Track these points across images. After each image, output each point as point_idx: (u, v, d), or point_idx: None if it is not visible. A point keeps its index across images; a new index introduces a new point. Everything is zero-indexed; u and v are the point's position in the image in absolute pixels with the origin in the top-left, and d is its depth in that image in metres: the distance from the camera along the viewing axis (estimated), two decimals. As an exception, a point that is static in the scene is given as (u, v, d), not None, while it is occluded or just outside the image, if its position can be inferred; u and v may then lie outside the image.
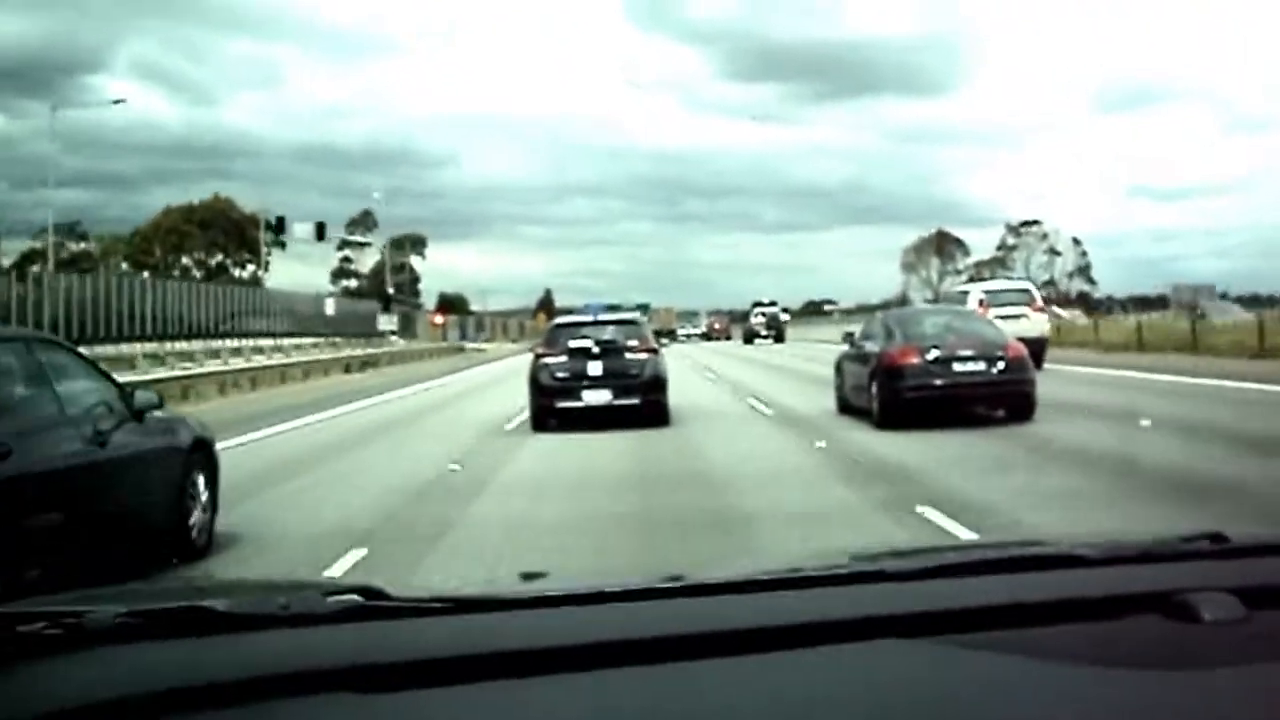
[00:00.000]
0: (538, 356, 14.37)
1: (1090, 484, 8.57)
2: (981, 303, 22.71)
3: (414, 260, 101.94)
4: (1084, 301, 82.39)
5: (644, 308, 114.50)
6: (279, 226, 55.61)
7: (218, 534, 7.15)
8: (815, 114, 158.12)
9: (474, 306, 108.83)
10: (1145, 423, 11.25)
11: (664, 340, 70.03)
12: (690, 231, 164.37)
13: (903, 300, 73.53)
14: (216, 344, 34.78)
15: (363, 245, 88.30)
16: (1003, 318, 19.23)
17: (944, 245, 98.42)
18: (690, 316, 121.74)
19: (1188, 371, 20.14)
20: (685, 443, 12.71)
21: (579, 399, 13.74)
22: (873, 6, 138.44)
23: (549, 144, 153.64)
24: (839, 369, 15.79)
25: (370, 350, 43.77)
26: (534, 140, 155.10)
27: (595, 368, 13.79)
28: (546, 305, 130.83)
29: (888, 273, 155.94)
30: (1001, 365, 13.03)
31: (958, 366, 12.95)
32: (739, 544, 6.90)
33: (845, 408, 15.13)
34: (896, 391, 12.97)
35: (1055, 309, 40.74)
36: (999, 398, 13.17)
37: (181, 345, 33.37)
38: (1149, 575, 1.57)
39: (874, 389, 13.41)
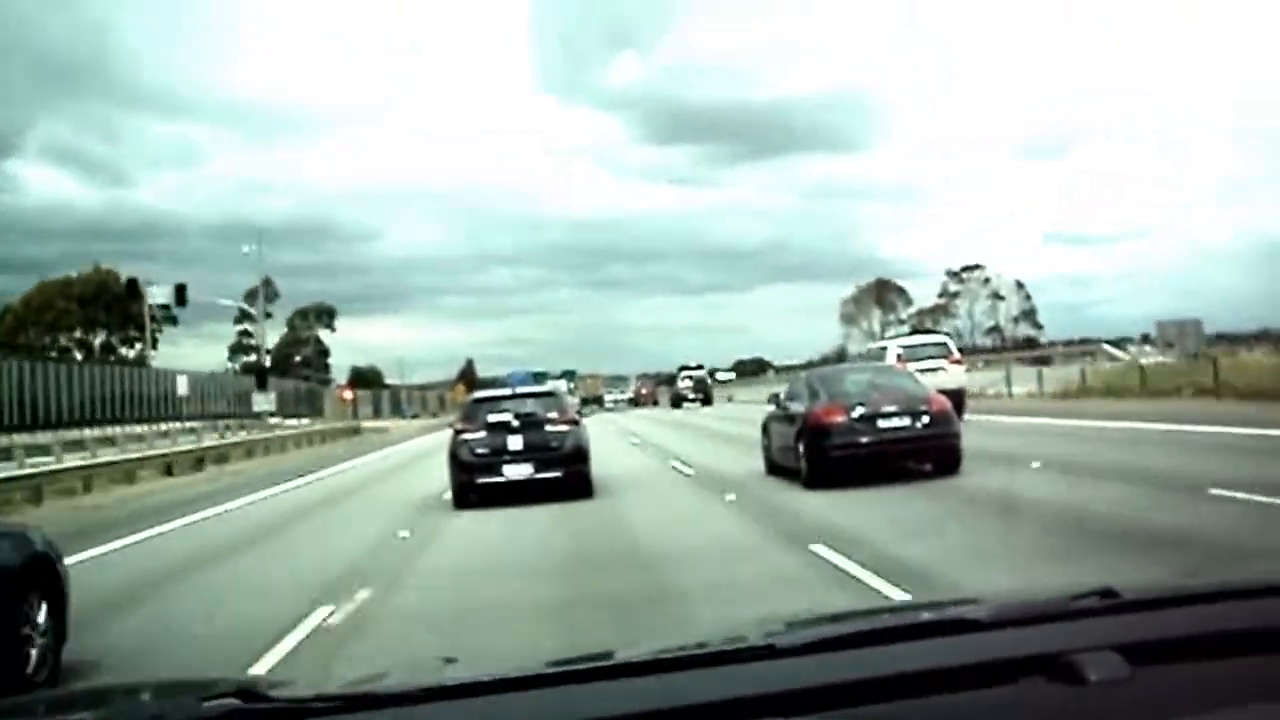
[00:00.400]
0: (457, 432, 14.05)
1: (1009, 538, 8.52)
2: (899, 357, 23.16)
3: (324, 334, 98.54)
4: (1030, 346, 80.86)
5: (570, 374, 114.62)
6: (130, 289, 51.39)
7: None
8: (734, 175, 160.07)
9: (392, 380, 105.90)
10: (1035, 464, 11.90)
11: (592, 407, 69.66)
12: (614, 297, 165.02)
13: (841, 355, 73.33)
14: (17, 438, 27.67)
15: (250, 317, 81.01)
16: (921, 371, 19.35)
17: (884, 295, 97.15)
18: (618, 382, 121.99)
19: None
20: (612, 513, 12.43)
21: (500, 474, 13.40)
22: (787, 67, 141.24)
23: (468, 215, 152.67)
24: (765, 430, 15.66)
25: (226, 439, 34.78)
26: (453, 212, 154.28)
27: (515, 442, 13.48)
28: (468, 376, 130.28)
29: (819, 328, 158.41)
30: (926, 419, 12.97)
31: (883, 423, 12.86)
32: (658, 621, 6.71)
33: (774, 468, 14.99)
34: (823, 450, 12.85)
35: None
36: (925, 452, 13.11)
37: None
38: (1038, 636, 1.57)
39: (801, 448, 13.26)
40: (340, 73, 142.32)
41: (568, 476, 13.47)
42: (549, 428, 13.68)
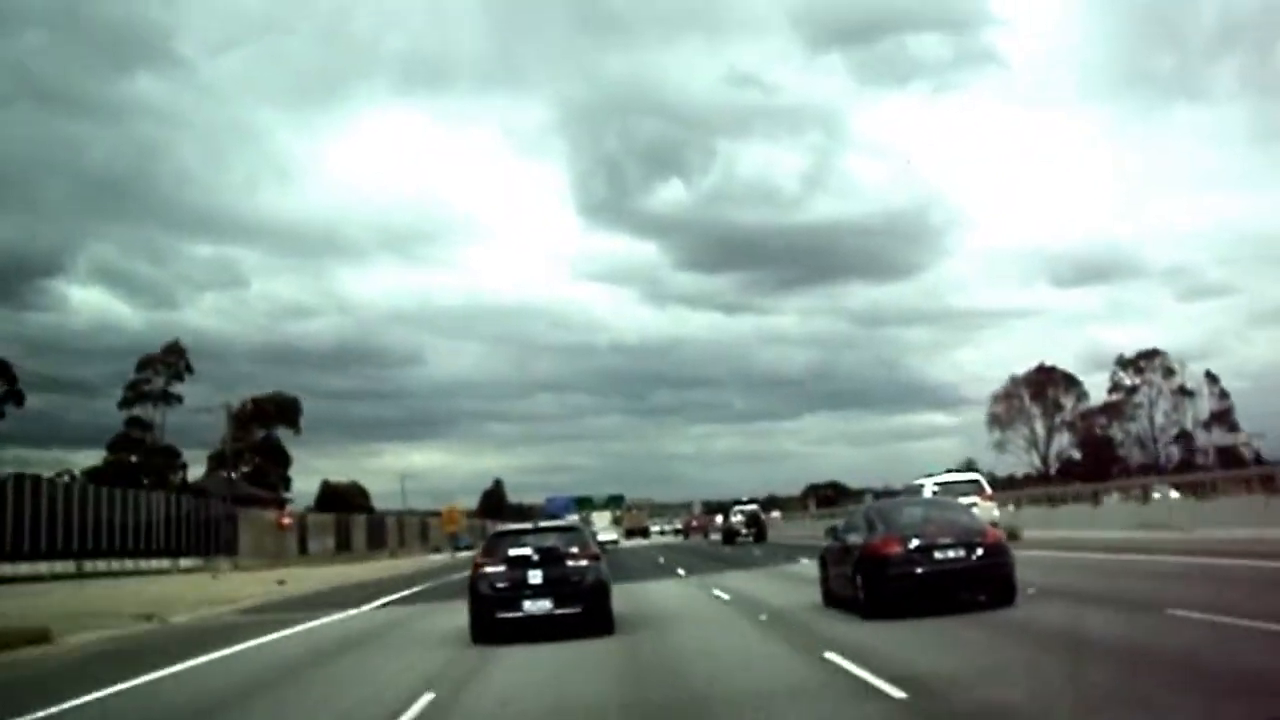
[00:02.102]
0: (477, 565, 14.16)
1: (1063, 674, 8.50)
2: (934, 494, 25.13)
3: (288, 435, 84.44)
4: (1187, 468, 65.81)
5: (618, 500, 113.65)
6: None
7: None
8: (779, 301, 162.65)
9: (390, 505, 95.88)
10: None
11: (637, 538, 69.10)
12: (659, 423, 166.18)
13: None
14: None
15: (166, 399, 74.93)
16: None
17: (1045, 390, 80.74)
18: (664, 512, 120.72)
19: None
20: (665, 652, 12.36)
21: (519, 609, 13.48)
22: (833, 192, 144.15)
23: (513, 341, 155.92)
24: (823, 561, 16.14)
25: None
26: (498, 338, 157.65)
27: (535, 576, 13.55)
28: (496, 499, 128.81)
29: (862, 457, 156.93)
30: (981, 551, 13.39)
31: (938, 554, 13.29)
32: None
33: (831, 599, 15.44)
34: (881, 580, 13.31)
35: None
36: (980, 583, 13.48)
37: None
38: None
39: (858, 579, 13.73)
40: (384, 198, 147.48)
41: (588, 612, 13.54)
42: (570, 563, 13.74)
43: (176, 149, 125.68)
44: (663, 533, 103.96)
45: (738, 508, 61.20)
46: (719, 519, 71.34)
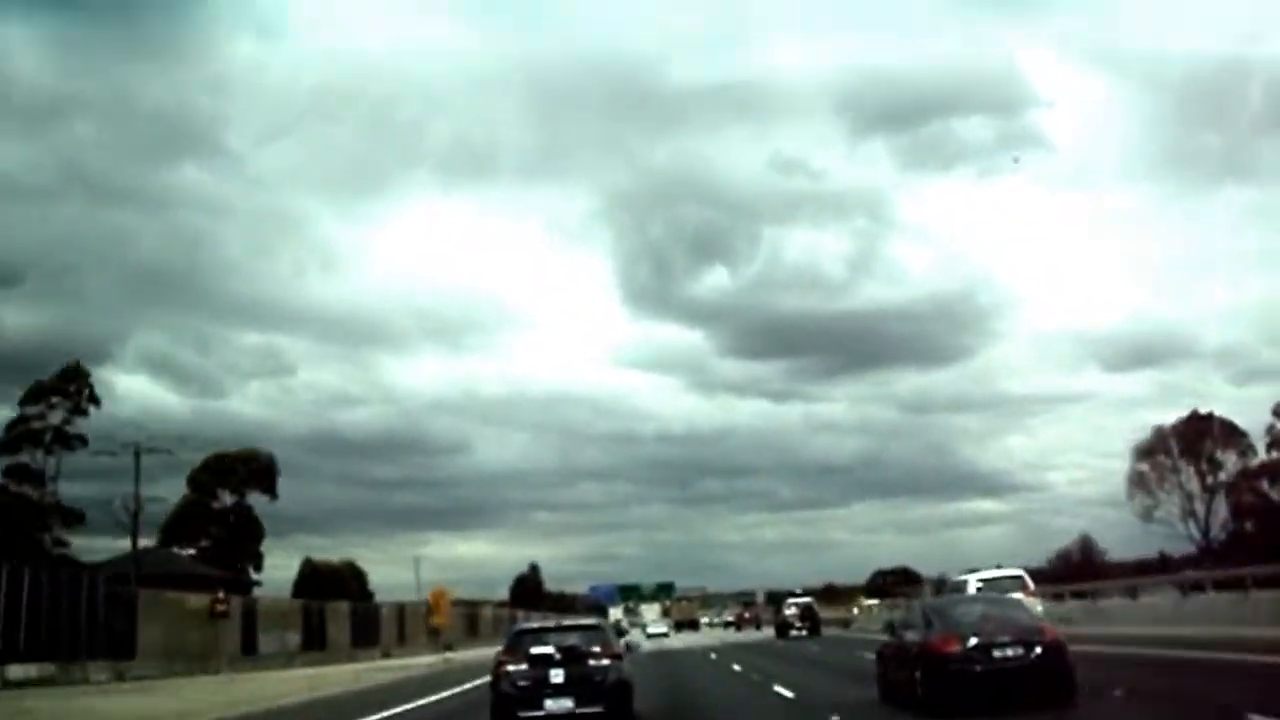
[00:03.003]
0: (499, 663, 14.30)
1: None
2: (979, 589, 25.66)
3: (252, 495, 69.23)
4: None
5: (667, 588, 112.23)
6: None
7: None
8: (825, 388, 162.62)
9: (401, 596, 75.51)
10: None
11: (686, 630, 68.16)
12: (706, 512, 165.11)
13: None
14: None
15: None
16: None
17: (1200, 441, 63.86)
18: (714, 602, 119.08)
19: None
20: None
21: (541, 708, 13.57)
22: (879, 278, 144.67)
23: (558, 430, 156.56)
24: (881, 657, 16.28)
25: None
26: (542, 426, 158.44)
27: (557, 675, 13.68)
28: (530, 586, 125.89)
29: (913, 545, 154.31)
30: (1039, 650, 13.48)
31: (997, 652, 13.42)
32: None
33: (888, 695, 15.55)
34: (940, 678, 13.45)
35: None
36: (1039, 681, 13.51)
37: None
38: None
39: (917, 675, 13.88)
40: (429, 287, 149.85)
41: (610, 711, 13.63)
42: (591, 661, 13.86)
43: (223, 238, 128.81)
44: (711, 624, 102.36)
45: (791, 600, 60.47)
46: (769, 609, 70.55)
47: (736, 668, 29.01)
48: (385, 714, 20.62)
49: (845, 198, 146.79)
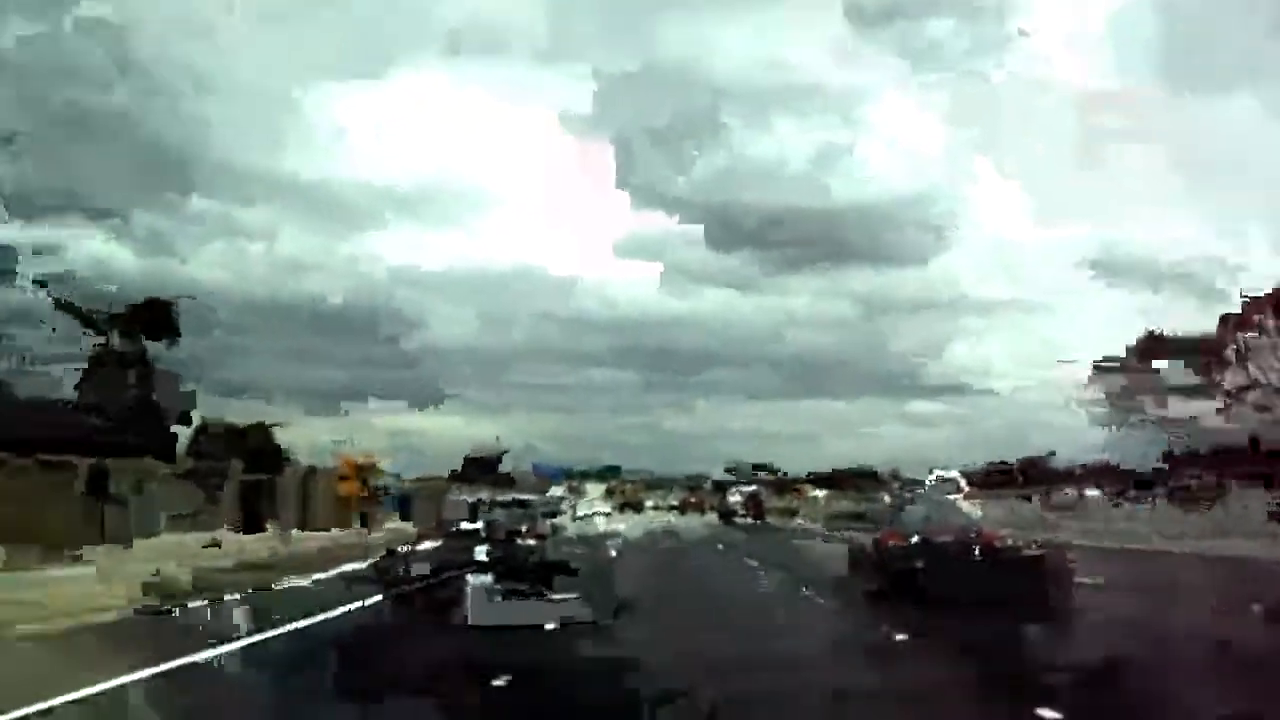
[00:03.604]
0: (419, 538, 15.86)
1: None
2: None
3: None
4: None
5: (614, 470, 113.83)
6: None
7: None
8: (789, 281, 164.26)
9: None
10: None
11: (629, 512, 69.11)
12: (663, 399, 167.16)
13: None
14: None
15: None
16: None
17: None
18: (662, 486, 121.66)
19: None
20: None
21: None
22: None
23: (525, 311, 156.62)
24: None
25: None
26: (501, 303, 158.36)
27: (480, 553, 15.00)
28: (489, 466, 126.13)
29: (856, 444, 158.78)
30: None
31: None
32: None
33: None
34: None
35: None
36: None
37: None
38: None
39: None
40: (392, 157, 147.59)
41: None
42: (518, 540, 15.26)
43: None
44: (656, 507, 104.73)
45: (735, 487, 62.71)
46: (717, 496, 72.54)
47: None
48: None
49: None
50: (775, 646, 11.42)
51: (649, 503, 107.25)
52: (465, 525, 15.06)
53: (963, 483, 33.02)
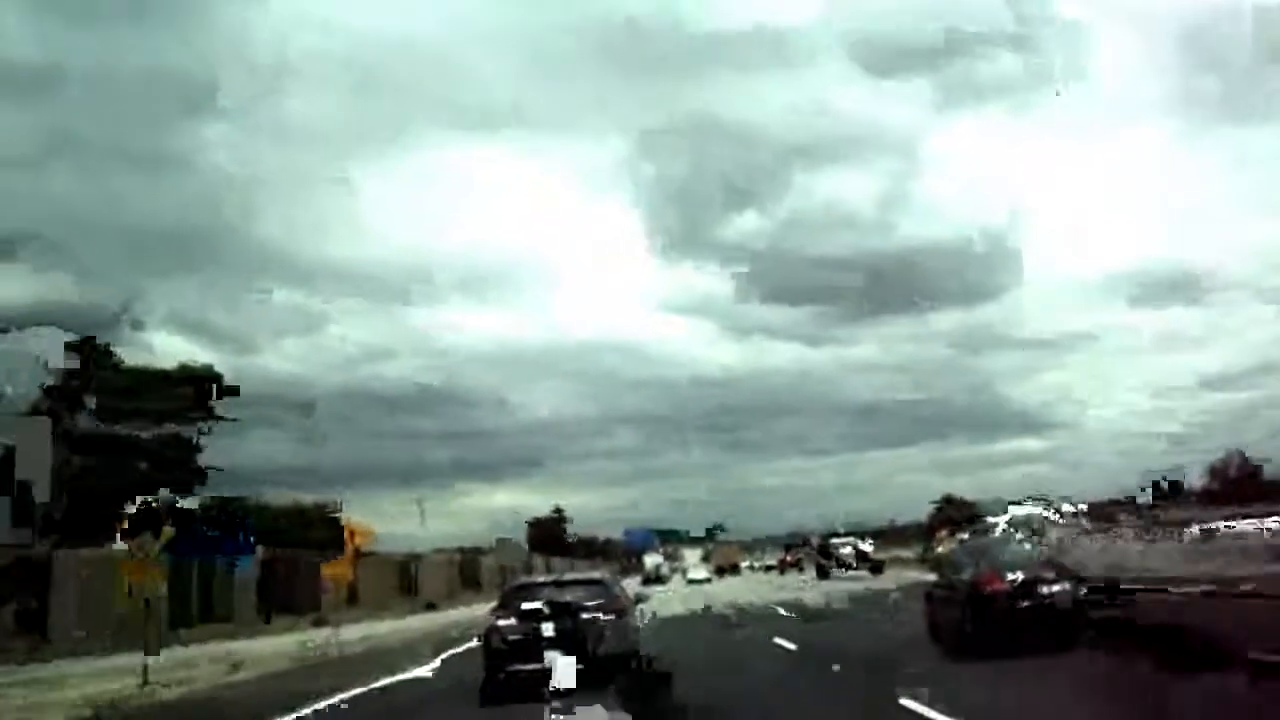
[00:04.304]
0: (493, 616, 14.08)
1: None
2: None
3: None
4: None
5: (717, 530, 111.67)
6: None
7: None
8: (857, 330, 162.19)
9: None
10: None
11: (725, 574, 67.56)
12: (743, 458, 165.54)
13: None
14: None
15: None
16: None
17: None
18: (755, 547, 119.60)
19: None
20: None
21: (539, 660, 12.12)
22: (911, 219, 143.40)
23: (593, 379, 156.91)
24: (929, 597, 16.75)
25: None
26: (578, 375, 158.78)
27: (548, 629, 13.16)
28: (550, 528, 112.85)
29: (950, 486, 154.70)
30: (1086, 587, 13.88)
31: (1043, 589, 13.82)
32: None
33: (935, 633, 16.07)
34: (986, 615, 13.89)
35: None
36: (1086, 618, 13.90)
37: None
38: None
39: (967, 613, 14.35)
40: (459, 241, 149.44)
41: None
42: (585, 615, 13.45)
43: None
44: (753, 568, 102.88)
45: (833, 541, 60.78)
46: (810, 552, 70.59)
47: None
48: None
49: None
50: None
51: (744, 564, 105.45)
52: (528, 605, 13.67)
53: (1054, 516, 30.38)
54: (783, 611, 28.29)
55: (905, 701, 10.28)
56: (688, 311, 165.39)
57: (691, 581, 72.15)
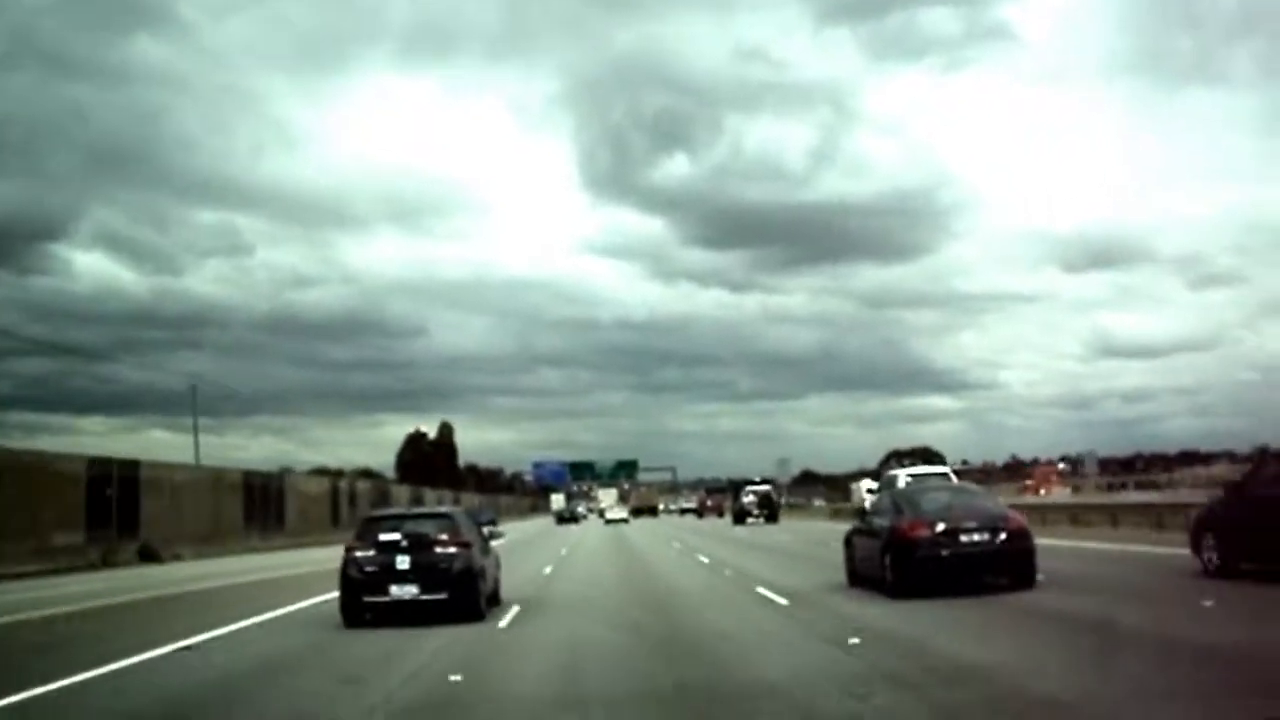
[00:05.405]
0: (348, 549, 14.27)
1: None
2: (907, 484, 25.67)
3: None
4: None
5: (629, 467, 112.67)
6: None
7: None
8: (786, 280, 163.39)
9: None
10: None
11: (643, 515, 68.55)
12: (665, 402, 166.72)
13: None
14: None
15: None
16: None
17: None
18: (672, 490, 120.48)
19: None
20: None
21: (386, 593, 13.63)
22: (841, 171, 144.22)
23: (517, 315, 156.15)
24: (849, 543, 16.70)
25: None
26: (502, 311, 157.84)
27: (403, 562, 13.67)
28: (431, 451, 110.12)
29: (867, 439, 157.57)
30: (1004, 535, 13.94)
31: (964, 537, 13.85)
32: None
33: (855, 580, 16.03)
34: (909, 561, 13.89)
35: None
36: (1002, 565, 14.03)
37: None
38: None
39: (887, 560, 14.31)
40: (388, 170, 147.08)
41: (454, 598, 13.64)
42: (438, 549, 13.83)
43: (180, 114, 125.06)
44: (668, 510, 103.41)
45: (750, 488, 61.56)
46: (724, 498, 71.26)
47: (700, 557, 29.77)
48: None
49: (809, 89, 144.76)
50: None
51: (661, 506, 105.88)
52: (385, 537, 13.94)
53: (953, 476, 31.59)
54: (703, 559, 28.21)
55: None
56: (614, 254, 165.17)
57: (609, 522, 72.51)
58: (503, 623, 13.64)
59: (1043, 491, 46.76)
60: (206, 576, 26.11)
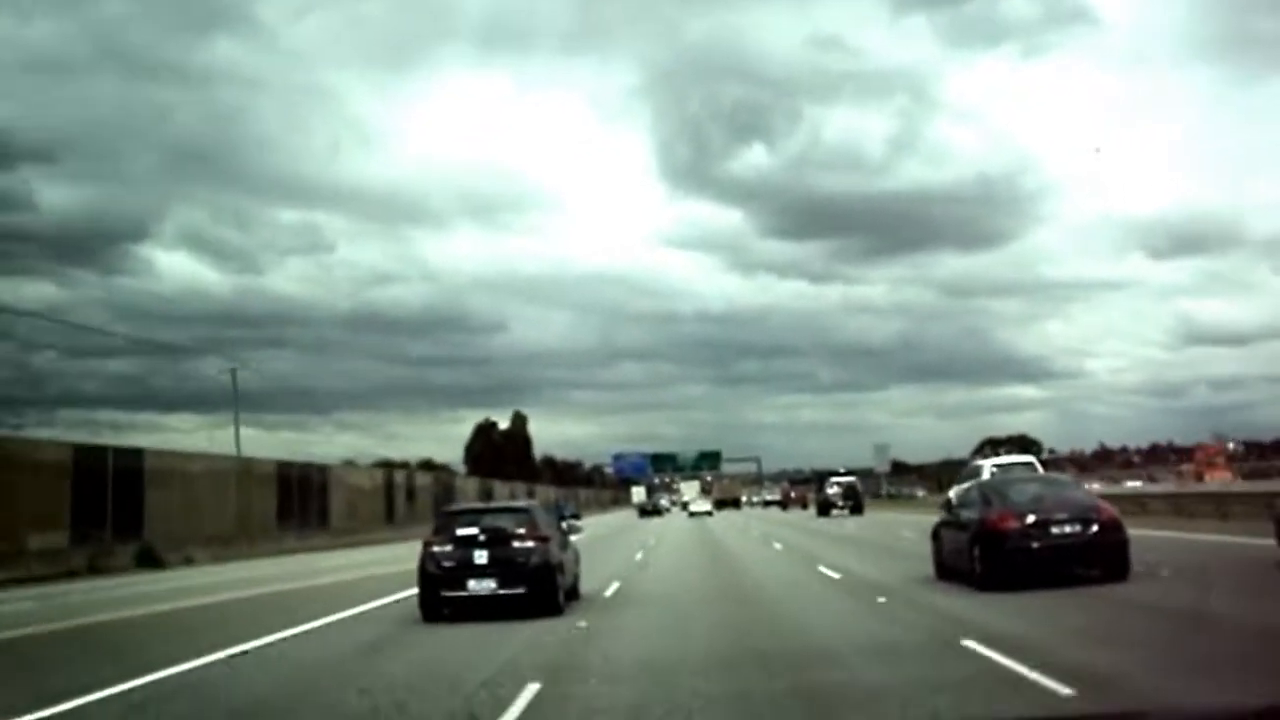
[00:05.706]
0: (425, 544, 14.30)
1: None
2: (992, 474, 25.03)
3: None
4: None
5: (712, 458, 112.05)
6: None
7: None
8: (867, 270, 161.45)
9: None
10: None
11: (726, 507, 67.92)
12: (744, 393, 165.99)
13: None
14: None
15: None
16: None
17: None
18: (754, 483, 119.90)
19: None
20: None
21: (464, 588, 13.61)
22: (920, 159, 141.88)
23: (596, 309, 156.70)
24: (936, 535, 16.62)
25: None
26: (581, 305, 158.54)
27: (480, 556, 13.66)
28: (503, 443, 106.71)
29: (950, 430, 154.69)
30: (1095, 527, 13.77)
31: (1054, 529, 13.72)
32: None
33: (944, 572, 15.94)
34: (998, 554, 13.77)
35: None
36: (1094, 557, 13.86)
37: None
38: None
39: (975, 552, 14.23)
40: (465, 167, 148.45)
41: (532, 593, 13.58)
42: (516, 543, 13.79)
43: (259, 114, 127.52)
44: (750, 503, 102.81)
45: (833, 479, 60.98)
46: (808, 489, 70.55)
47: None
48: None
49: (887, 76, 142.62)
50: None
51: (745, 498, 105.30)
52: (462, 532, 14.05)
53: (1038, 465, 30.54)
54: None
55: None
56: (693, 246, 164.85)
57: (693, 515, 72.30)
58: (581, 621, 13.10)
59: (1207, 478, 43.58)
60: (205, 589, 21.54)
